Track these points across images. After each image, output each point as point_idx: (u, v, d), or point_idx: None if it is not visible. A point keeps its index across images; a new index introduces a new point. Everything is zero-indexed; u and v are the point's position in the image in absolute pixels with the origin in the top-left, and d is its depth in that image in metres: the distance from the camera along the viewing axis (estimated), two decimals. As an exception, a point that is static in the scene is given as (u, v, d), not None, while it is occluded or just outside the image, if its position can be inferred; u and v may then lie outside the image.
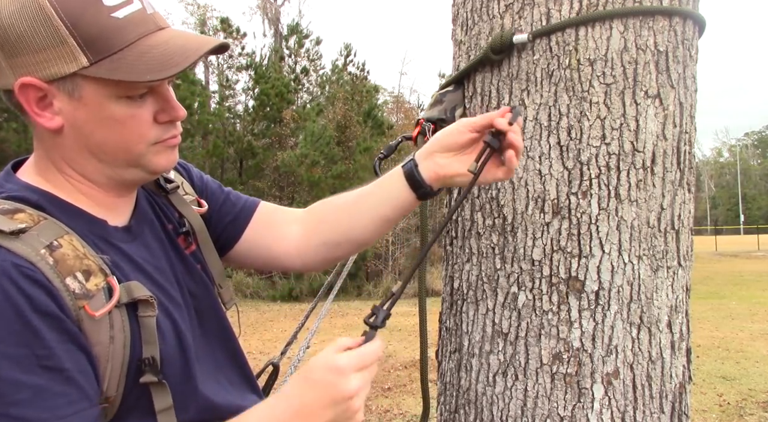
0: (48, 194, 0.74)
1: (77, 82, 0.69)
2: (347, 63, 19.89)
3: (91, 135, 0.73)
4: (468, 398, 1.14)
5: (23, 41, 0.67)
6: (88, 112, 0.71)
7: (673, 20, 1.06)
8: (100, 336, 0.67)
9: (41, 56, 0.67)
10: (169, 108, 0.75)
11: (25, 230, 0.65)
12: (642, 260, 1.03)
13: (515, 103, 1.10)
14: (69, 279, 0.65)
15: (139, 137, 0.74)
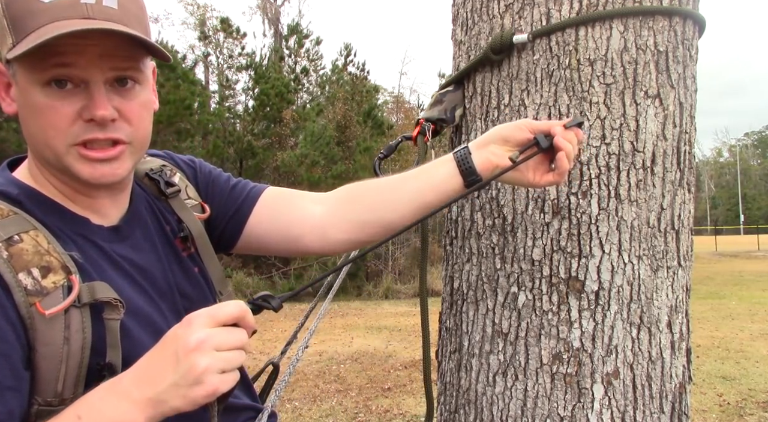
0: (31, 189, 0.74)
1: (15, 67, 0.70)
2: (347, 63, 19.88)
3: (24, 122, 0.73)
4: (468, 398, 1.14)
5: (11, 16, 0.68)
6: (21, 97, 0.72)
7: (673, 20, 1.06)
8: (52, 335, 0.66)
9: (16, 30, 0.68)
10: (91, 105, 0.71)
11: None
12: (642, 260, 1.03)
13: (515, 103, 1.10)
14: (22, 275, 0.64)
15: (55, 130, 0.71)
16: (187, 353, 0.60)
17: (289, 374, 0.96)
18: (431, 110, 1.21)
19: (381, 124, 16.89)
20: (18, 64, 0.69)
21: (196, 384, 0.60)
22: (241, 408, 0.92)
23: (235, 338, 0.64)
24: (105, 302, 0.69)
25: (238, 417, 0.91)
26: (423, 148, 1.18)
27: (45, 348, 0.65)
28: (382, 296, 13.63)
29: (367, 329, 8.82)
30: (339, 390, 5.44)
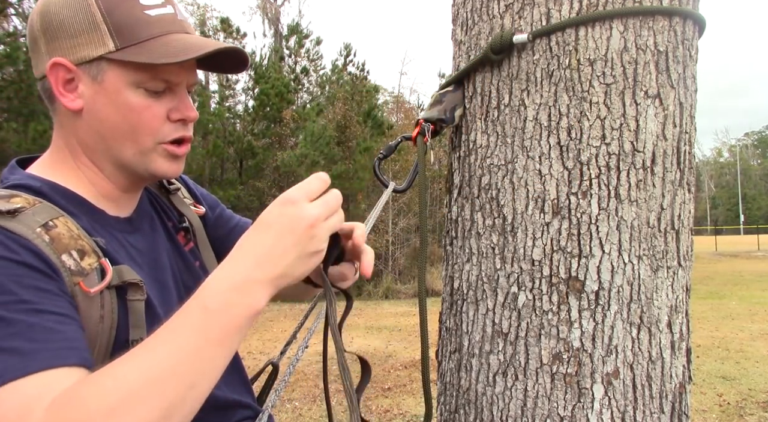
0: (51, 182, 0.77)
1: (102, 67, 0.75)
2: (347, 63, 19.88)
3: (106, 120, 0.77)
4: (468, 398, 1.14)
5: (63, 27, 0.74)
6: (107, 96, 0.76)
7: (673, 20, 1.06)
8: (91, 313, 0.69)
9: (75, 41, 0.74)
10: (182, 107, 0.80)
11: (21, 210, 0.67)
12: (642, 260, 1.03)
13: (515, 103, 1.10)
14: (65, 256, 0.67)
15: (150, 129, 0.78)
16: (306, 228, 0.64)
17: (289, 374, 0.95)
18: (431, 111, 1.21)
19: (381, 124, 16.90)
20: (116, 66, 0.75)
21: (316, 252, 0.66)
22: (237, 405, 0.92)
23: (333, 205, 0.68)
24: (131, 283, 0.73)
25: (234, 415, 0.91)
26: (422, 148, 1.18)
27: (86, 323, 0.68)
28: (382, 296, 13.64)
29: (367, 329, 8.82)
30: (339, 390, 5.44)
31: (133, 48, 0.74)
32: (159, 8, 0.77)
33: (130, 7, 0.75)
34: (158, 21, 0.76)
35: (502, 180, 1.11)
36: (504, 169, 1.11)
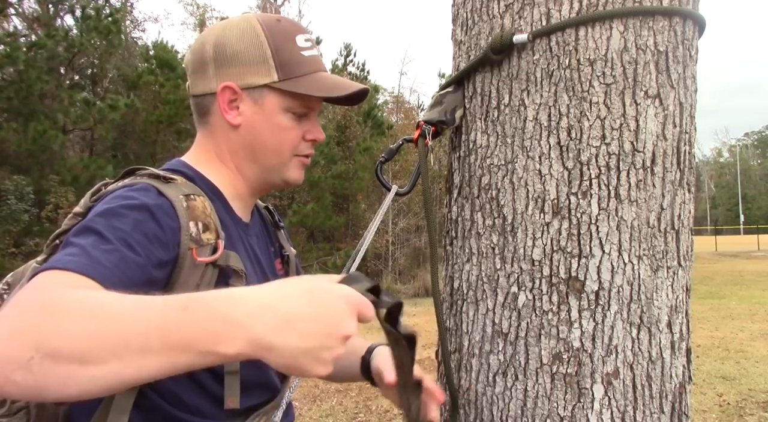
0: (200, 173, 0.93)
1: (263, 93, 0.92)
2: (347, 63, 19.86)
3: (260, 135, 0.94)
4: (468, 398, 1.14)
5: (236, 57, 0.91)
6: (264, 117, 0.93)
7: (673, 20, 1.06)
8: (189, 279, 0.79)
9: (246, 69, 0.91)
10: (315, 130, 0.99)
11: (174, 181, 0.84)
12: (642, 260, 1.03)
13: (515, 103, 1.10)
14: (191, 223, 0.80)
15: (290, 145, 0.96)
16: (336, 338, 0.58)
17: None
18: (431, 112, 1.21)
19: (381, 124, 16.89)
20: (276, 93, 0.92)
21: (322, 364, 0.58)
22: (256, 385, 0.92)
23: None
24: (233, 270, 0.84)
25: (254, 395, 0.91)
26: (424, 151, 1.18)
27: (180, 289, 0.77)
28: (382, 296, 13.61)
29: (367, 329, 8.80)
30: (339, 390, 5.43)
31: (293, 81, 0.92)
32: (310, 50, 0.95)
33: (291, 48, 0.93)
34: (310, 61, 0.94)
35: (502, 180, 1.11)
36: (504, 169, 1.11)
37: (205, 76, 0.93)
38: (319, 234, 15.44)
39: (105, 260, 0.67)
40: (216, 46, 0.92)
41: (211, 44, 0.92)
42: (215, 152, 0.96)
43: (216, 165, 0.95)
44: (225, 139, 0.95)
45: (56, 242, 0.84)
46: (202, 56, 0.93)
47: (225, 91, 0.91)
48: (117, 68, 16.72)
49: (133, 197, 0.77)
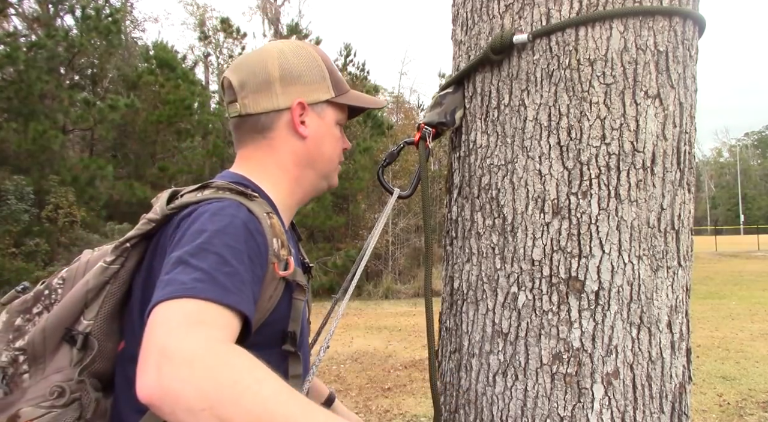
0: (259, 187, 0.98)
1: (324, 107, 1.04)
2: (347, 63, 19.85)
3: (322, 145, 1.04)
4: (468, 398, 1.14)
5: (301, 76, 1.01)
6: (325, 129, 1.05)
7: (673, 20, 1.06)
8: (267, 290, 0.84)
9: (310, 87, 1.02)
10: (346, 140, 1.13)
11: (256, 197, 0.89)
12: (642, 260, 1.03)
13: (515, 103, 1.10)
14: (274, 240, 0.86)
15: (339, 153, 1.09)
16: None
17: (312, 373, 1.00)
18: (431, 114, 1.21)
19: (381, 124, 16.88)
20: (333, 107, 1.06)
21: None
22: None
23: None
24: (298, 284, 0.91)
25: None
26: (424, 153, 1.19)
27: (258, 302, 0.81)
28: (382, 296, 13.63)
29: (367, 329, 8.82)
30: (339, 390, 5.43)
31: (344, 96, 1.06)
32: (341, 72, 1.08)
33: (335, 69, 1.07)
34: (344, 81, 1.09)
35: (502, 180, 1.11)
36: (504, 169, 1.11)
37: (269, 95, 1.00)
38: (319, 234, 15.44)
39: (231, 284, 0.73)
40: (281, 66, 1.00)
41: (275, 66, 1.00)
42: (276, 165, 1.01)
43: (276, 178, 1.01)
44: (290, 151, 1.02)
45: (126, 245, 0.86)
46: (266, 77, 0.99)
47: (298, 107, 1.01)
48: (117, 68, 16.72)
49: (235, 216, 0.82)
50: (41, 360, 0.82)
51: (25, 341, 0.83)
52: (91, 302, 0.84)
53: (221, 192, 0.87)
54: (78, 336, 0.82)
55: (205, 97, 18.15)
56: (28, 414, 0.78)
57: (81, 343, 0.82)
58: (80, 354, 0.82)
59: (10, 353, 0.83)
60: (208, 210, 0.82)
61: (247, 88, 1.00)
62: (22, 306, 0.88)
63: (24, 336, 0.84)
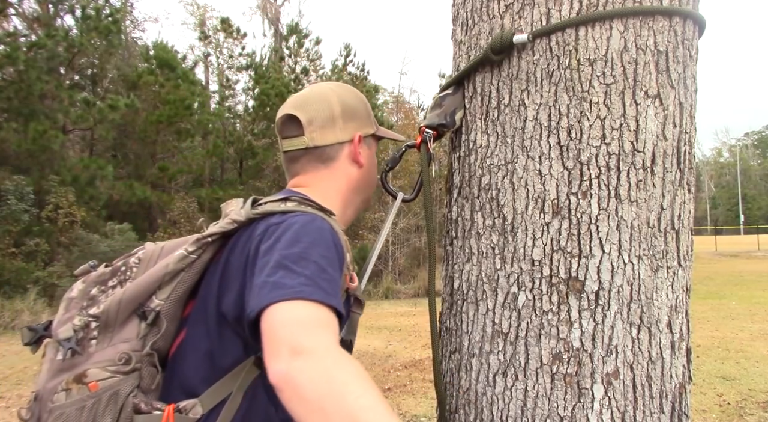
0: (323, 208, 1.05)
1: (369, 139, 1.20)
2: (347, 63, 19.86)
3: (370, 172, 1.19)
4: (468, 398, 1.14)
5: (356, 113, 1.17)
6: (371, 158, 1.20)
7: (673, 20, 1.06)
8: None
9: (362, 122, 1.18)
10: None
11: (334, 215, 1.00)
12: (642, 260, 1.03)
13: (515, 103, 1.10)
14: (347, 254, 0.96)
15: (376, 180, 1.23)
16: None
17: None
18: (431, 115, 1.22)
19: (381, 124, 16.84)
20: (374, 140, 1.22)
21: None
22: None
23: None
24: (357, 298, 1.02)
25: None
26: (426, 157, 1.19)
27: None
28: (382, 296, 13.63)
29: (367, 329, 8.81)
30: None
31: (381, 130, 1.22)
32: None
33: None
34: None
35: (502, 180, 1.11)
36: (504, 169, 1.11)
37: (333, 129, 1.13)
38: (319, 234, 15.42)
39: (330, 289, 0.82)
40: (342, 104, 1.15)
41: (337, 104, 1.14)
42: (334, 190, 1.13)
43: (333, 201, 1.10)
44: (348, 178, 1.15)
45: (207, 239, 0.95)
46: (330, 114, 1.13)
47: (357, 139, 1.15)
48: (117, 68, 16.72)
49: (323, 228, 0.92)
50: (110, 329, 0.91)
51: (100, 309, 0.91)
52: (165, 285, 0.92)
53: (304, 206, 0.98)
54: (150, 313, 0.91)
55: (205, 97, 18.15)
56: (94, 375, 0.85)
57: (152, 319, 0.91)
58: (147, 329, 0.91)
59: (84, 318, 0.91)
60: (298, 222, 0.91)
61: (315, 123, 1.12)
62: (99, 278, 0.98)
63: (97, 305, 0.93)
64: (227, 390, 0.90)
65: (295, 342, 0.74)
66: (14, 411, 5.06)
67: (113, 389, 0.85)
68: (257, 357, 0.90)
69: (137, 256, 1.00)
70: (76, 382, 0.86)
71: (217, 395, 0.90)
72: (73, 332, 0.90)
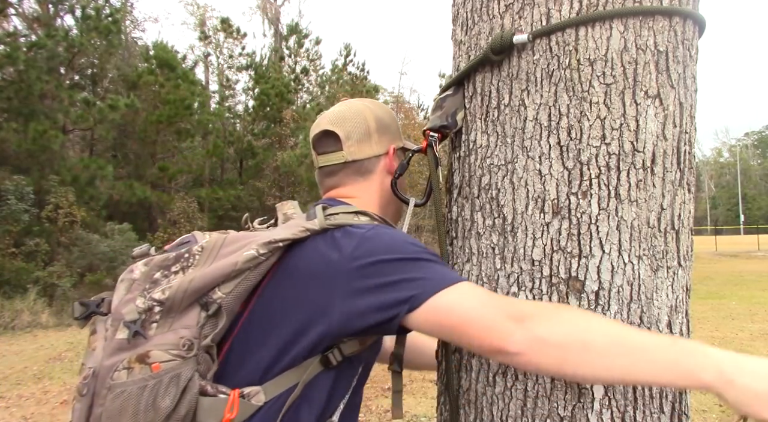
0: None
1: (399, 151, 1.26)
2: (347, 63, 19.86)
3: (402, 182, 1.25)
4: (468, 398, 1.14)
5: (389, 127, 1.25)
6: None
7: (673, 20, 1.06)
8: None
9: (393, 136, 1.25)
10: None
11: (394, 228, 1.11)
12: (642, 260, 1.03)
13: (515, 103, 1.10)
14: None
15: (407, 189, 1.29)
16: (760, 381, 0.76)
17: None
18: (433, 118, 1.23)
19: (381, 124, 16.86)
20: (401, 151, 1.27)
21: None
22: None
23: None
24: None
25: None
26: (434, 161, 1.20)
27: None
28: (382, 296, 13.61)
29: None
30: (339, 390, 5.42)
31: (405, 143, 1.29)
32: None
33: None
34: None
35: (502, 180, 1.11)
36: (504, 169, 1.11)
37: (370, 143, 1.20)
38: (319, 234, 15.41)
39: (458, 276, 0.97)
40: (377, 120, 1.22)
41: (372, 119, 1.22)
42: (375, 200, 1.20)
43: (375, 211, 1.15)
44: (384, 188, 1.22)
45: (279, 244, 0.99)
46: (366, 129, 1.20)
47: (393, 152, 1.23)
48: (117, 68, 16.71)
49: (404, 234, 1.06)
50: (172, 315, 0.94)
51: (165, 295, 0.95)
52: (230, 279, 0.96)
53: (376, 222, 1.08)
54: (212, 304, 0.95)
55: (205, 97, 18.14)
56: (157, 357, 0.89)
57: (213, 310, 0.95)
58: (206, 319, 0.95)
59: (147, 301, 0.95)
60: (387, 233, 1.01)
61: (353, 138, 1.18)
62: (163, 263, 1.01)
63: (159, 289, 0.97)
64: (291, 382, 0.96)
65: (509, 311, 0.87)
66: (14, 410, 5.07)
67: (174, 371, 0.89)
68: (323, 356, 0.98)
69: (200, 244, 1.04)
70: (139, 362, 0.89)
71: (280, 385, 0.96)
72: (137, 314, 0.94)
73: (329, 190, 1.22)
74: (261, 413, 0.94)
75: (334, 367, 0.99)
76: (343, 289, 0.94)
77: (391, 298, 0.92)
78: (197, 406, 0.91)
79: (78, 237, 11.64)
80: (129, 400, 0.87)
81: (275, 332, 0.98)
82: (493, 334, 0.86)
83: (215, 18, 22.86)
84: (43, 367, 6.74)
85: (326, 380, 0.99)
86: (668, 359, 0.80)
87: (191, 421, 0.90)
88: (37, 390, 5.74)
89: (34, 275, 10.61)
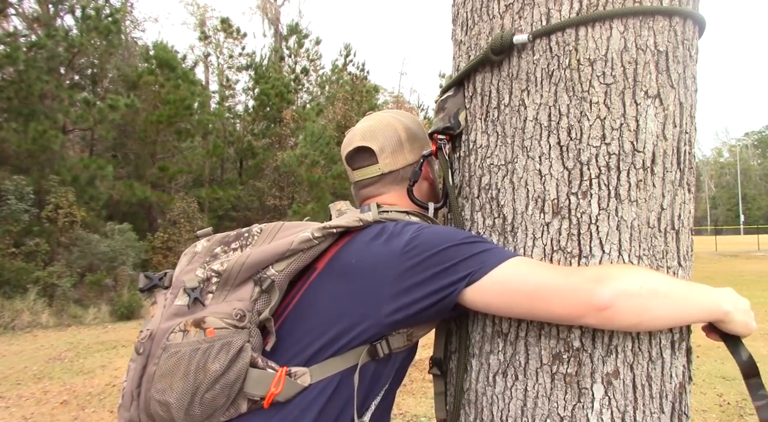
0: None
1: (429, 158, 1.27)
2: (347, 63, 19.85)
3: (435, 186, 1.32)
4: (468, 398, 1.14)
5: (417, 137, 1.29)
6: (434, 173, 1.32)
7: (673, 20, 1.06)
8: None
9: (423, 144, 1.30)
10: None
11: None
12: (642, 260, 1.03)
13: (515, 103, 1.10)
14: None
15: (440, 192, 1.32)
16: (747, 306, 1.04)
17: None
18: (436, 120, 1.24)
19: (381, 124, 16.85)
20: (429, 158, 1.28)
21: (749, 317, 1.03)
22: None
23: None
24: None
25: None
26: (446, 163, 1.20)
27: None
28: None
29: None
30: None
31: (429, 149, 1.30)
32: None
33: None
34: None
35: (502, 180, 1.11)
36: (504, 169, 1.11)
37: (403, 153, 1.25)
38: (319, 234, 15.42)
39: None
40: (407, 130, 1.27)
41: (402, 130, 1.26)
42: (414, 205, 1.24)
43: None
44: (421, 192, 1.27)
45: (333, 230, 1.05)
46: (398, 140, 1.25)
47: (423, 159, 1.26)
48: (117, 68, 16.71)
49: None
50: (228, 287, 0.99)
51: (223, 267, 1.00)
52: (284, 258, 1.01)
53: (428, 221, 1.15)
54: (266, 280, 0.99)
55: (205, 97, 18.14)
56: (212, 323, 0.93)
57: (267, 286, 0.99)
58: (259, 294, 0.99)
59: (206, 272, 1.01)
60: (439, 227, 1.09)
61: (387, 151, 1.23)
62: (224, 239, 1.09)
63: (218, 261, 1.02)
64: (337, 369, 0.99)
65: (585, 275, 0.95)
66: (14, 410, 5.07)
67: (226, 339, 0.93)
68: (372, 346, 1.01)
69: (260, 227, 1.11)
70: (195, 326, 0.94)
71: (326, 371, 0.99)
72: (197, 283, 0.99)
73: (367, 199, 1.25)
74: (304, 394, 0.97)
75: (378, 360, 1.03)
76: (397, 280, 0.98)
77: (446, 282, 0.97)
78: (246, 376, 0.94)
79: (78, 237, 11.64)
80: (182, 360, 0.91)
81: (326, 320, 1.01)
82: (580, 295, 0.91)
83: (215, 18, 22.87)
84: (43, 367, 6.75)
85: (367, 373, 1.03)
86: (700, 299, 0.97)
87: (239, 389, 0.94)
88: (37, 390, 5.75)
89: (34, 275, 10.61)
